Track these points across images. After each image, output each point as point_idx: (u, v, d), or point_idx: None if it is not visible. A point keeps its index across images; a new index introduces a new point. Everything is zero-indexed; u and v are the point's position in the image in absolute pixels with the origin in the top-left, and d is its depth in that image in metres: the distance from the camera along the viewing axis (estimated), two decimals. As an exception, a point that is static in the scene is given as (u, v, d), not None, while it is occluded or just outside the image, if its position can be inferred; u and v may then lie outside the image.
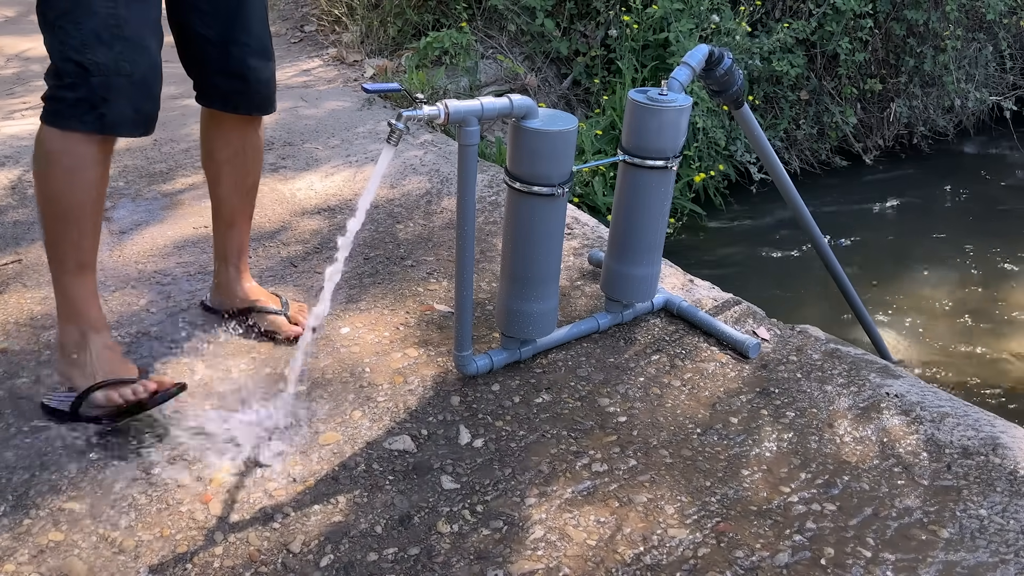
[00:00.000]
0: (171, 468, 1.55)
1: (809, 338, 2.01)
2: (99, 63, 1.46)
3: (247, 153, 1.84)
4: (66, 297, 1.65)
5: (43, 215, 1.61)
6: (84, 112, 1.48)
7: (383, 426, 1.68)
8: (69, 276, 1.63)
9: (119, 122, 1.51)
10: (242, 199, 1.89)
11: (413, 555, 1.39)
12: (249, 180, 1.88)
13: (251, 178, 1.89)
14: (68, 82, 1.47)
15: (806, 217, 2.44)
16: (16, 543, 1.39)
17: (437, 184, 2.85)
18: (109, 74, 1.47)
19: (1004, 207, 4.55)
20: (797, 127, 4.70)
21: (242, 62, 1.71)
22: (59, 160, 1.53)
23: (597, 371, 1.87)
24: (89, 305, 1.66)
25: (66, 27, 1.45)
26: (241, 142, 1.82)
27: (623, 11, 4.28)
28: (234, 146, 1.82)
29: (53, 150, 1.53)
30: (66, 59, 1.46)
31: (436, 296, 2.15)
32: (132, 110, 1.52)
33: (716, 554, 1.40)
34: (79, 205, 1.57)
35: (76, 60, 1.45)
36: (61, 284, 1.64)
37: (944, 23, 4.75)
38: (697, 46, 2.03)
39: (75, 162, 1.53)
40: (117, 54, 1.46)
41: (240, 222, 1.92)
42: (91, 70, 1.46)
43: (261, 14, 1.73)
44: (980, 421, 1.71)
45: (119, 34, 1.46)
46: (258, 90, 1.75)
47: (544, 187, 1.69)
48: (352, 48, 4.60)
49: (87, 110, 1.48)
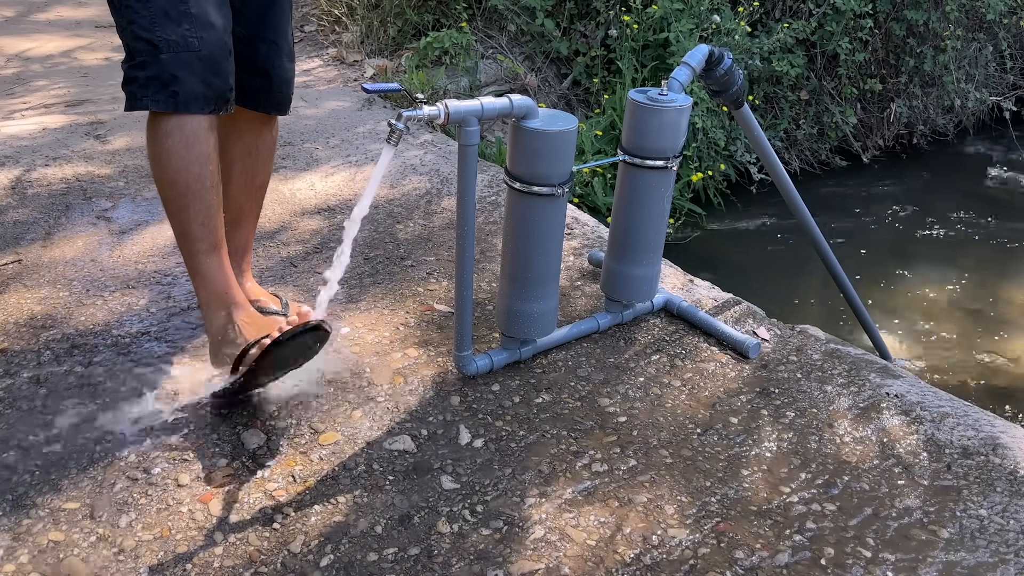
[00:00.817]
0: (171, 468, 1.55)
1: (809, 338, 2.01)
2: (169, 40, 1.48)
3: (260, 152, 1.86)
4: (207, 281, 1.65)
5: (166, 201, 1.60)
6: (156, 91, 1.50)
7: (383, 426, 1.68)
8: (206, 258, 1.63)
9: (190, 99, 1.52)
10: (250, 198, 1.90)
11: (413, 555, 1.39)
12: (259, 180, 1.90)
13: (261, 178, 1.90)
14: (139, 60, 1.49)
15: (806, 217, 2.44)
16: (16, 543, 1.39)
17: (437, 184, 2.85)
18: (179, 50, 1.48)
19: (1004, 207, 4.55)
20: (797, 127, 4.70)
21: (269, 60, 1.74)
22: (168, 138, 1.53)
23: (597, 371, 1.87)
24: (230, 284, 1.67)
25: (134, 6, 1.47)
26: (255, 140, 1.84)
27: (623, 11, 4.29)
28: (247, 144, 1.84)
29: (159, 131, 1.54)
30: (137, 38, 1.48)
31: (436, 296, 2.15)
32: (203, 85, 1.53)
33: (716, 554, 1.40)
34: (197, 178, 1.57)
35: (146, 38, 1.47)
36: (200, 270, 1.64)
37: (944, 23, 4.75)
38: (697, 46, 2.03)
39: (185, 136, 1.53)
40: (185, 31, 1.48)
41: (246, 221, 1.92)
42: (161, 47, 1.48)
43: (289, 16, 1.77)
44: (980, 421, 1.71)
45: (186, 11, 1.48)
46: (280, 89, 1.79)
47: (544, 187, 1.69)
48: (352, 48, 4.60)
49: (159, 88, 1.50)
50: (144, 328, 1.97)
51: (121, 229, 2.46)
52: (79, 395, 1.73)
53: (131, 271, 2.22)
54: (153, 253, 2.32)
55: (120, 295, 2.10)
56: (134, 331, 1.95)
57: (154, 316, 2.02)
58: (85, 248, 2.34)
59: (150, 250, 2.34)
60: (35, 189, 2.72)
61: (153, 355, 1.87)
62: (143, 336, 1.94)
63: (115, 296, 2.10)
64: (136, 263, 2.26)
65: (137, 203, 2.64)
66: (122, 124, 3.31)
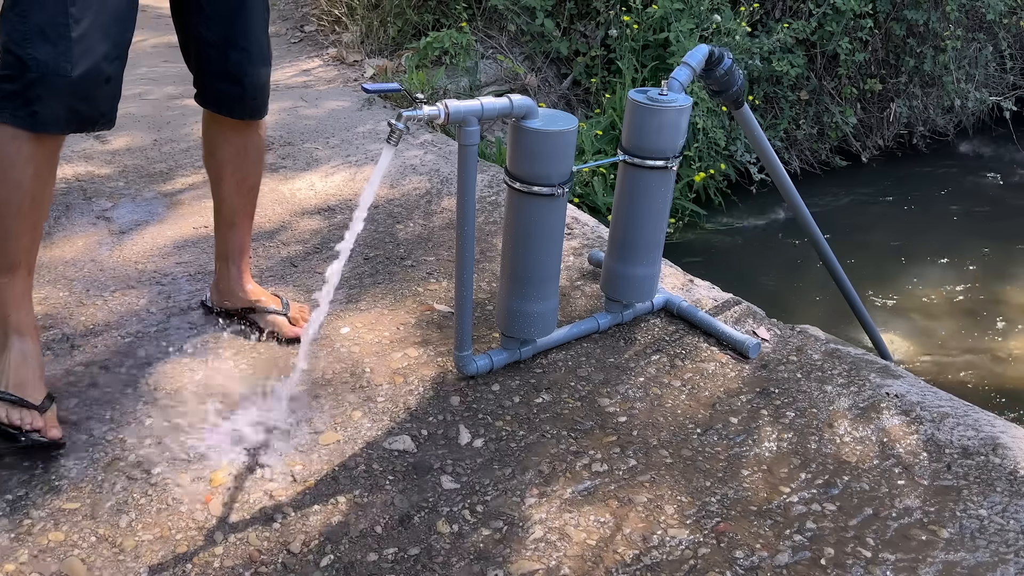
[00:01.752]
0: (171, 468, 1.55)
1: (809, 338, 2.01)
2: (39, 60, 1.39)
3: (249, 153, 1.84)
4: None
5: None
6: (17, 107, 1.42)
7: (383, 426, 1.68)
8: None
9: (50, 121, 1.44)
10: (243, 199, 1.89)
11: (413, 555, 1.39)
12: (250, 180, 1.88)
13: (252, 178, 1.89)
14: (5, 73, 1.41)
15: (806, 217, 2.44)
16: (16, 543, 1.39)
17: (437, 184, 2.85)
18: (47, 72, 1.40)
19: (1004, 207, 4.55)
20: (797, 127, 4.70)
21: (240, 67, 1.70)
22: None
23: (597, 371, 1.87)
24: (12, 308, 1.56)
25: (12, 18, 1.40)
26: (242, 142, 1.82)
27: (623, 11, 4.28)
28: (235, 146, 1.82)
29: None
30: (7, 50, 1.40)
31: (436, 296, 2.15)
32: (66, 110, 1.44)
33: (716, 554, 1.40)
34: (4, 202, 1.48)
35: (16, 53, 1.39)
36: None
37: (944, 23, 4.75)
38: (697, 46, 2.03)
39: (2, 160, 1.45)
40: (60, 53, 1.40)
41: (241, 222, 1.91)
42: (30, 65, 1.39)
43: (262, 19, 1.72)
44: (980, 421, 1.71)
45: (65, 33, 1.39)
46: (253, 95, 1.75)
47: (544, 187, 1.69)
48: (352, 48, 4.60)
49: (21, 105, 1.41)
50: (144, 328, 1.97)
51: (121, 229, 2.46)
52: (79, 395, 1.73)
53: (131, 271, 2.22)
54: (153, 253, 2.32)
55: (120, 295, 2.10)
56: (134, 331, 1.95)
57: (154, 316, 2.02)
58: (85, 248, 2.34)
59: (150, 250, 2.34)
60: (35, 189, 2.71)
61: (153, 355, 1.87)
62: (143, 336, 1.94)
63: (115, 296, 2.10)
64: (136, 263, 2.26)
65: (137, 203, 2.64)
66: (122, 124, 3.31)
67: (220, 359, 1.86)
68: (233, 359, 1.86)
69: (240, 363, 1.85)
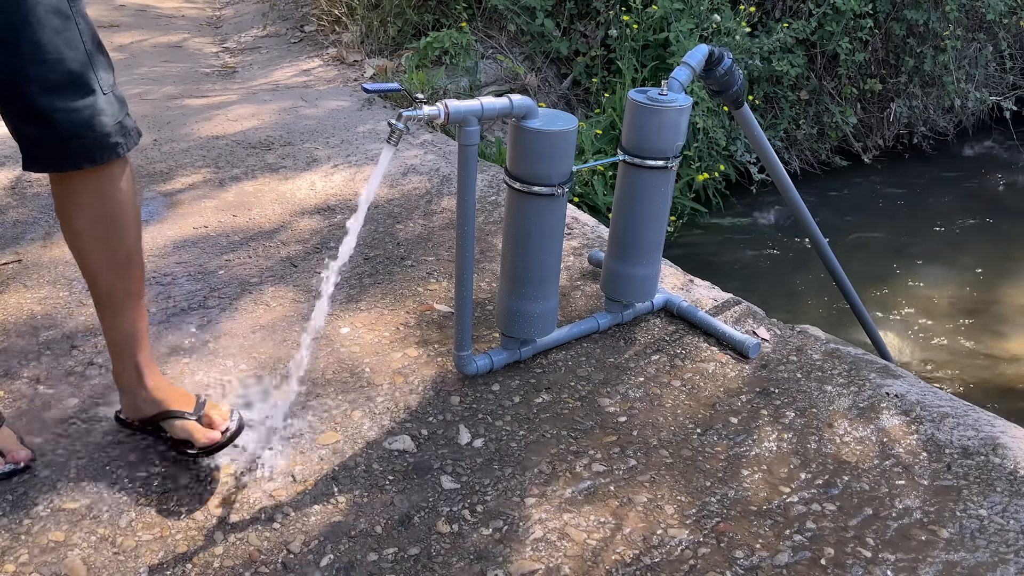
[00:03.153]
0: (171, 468, 1.55)
1: (809, 338, 2.01)
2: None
3: (109, 217, 1.40)
4: None
5: None
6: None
7: (383, 426, 1.68)
8: None
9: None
10: (120, 276, 1.45)
11: (413, 555, 1.39)
12: (122, 251, 1.43)
13: (124, 248, 1.44)
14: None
15: (806, 217, 2.44)
16: (16, 543, 1.39)
17: (437, 184, 2.85)
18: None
19: (1004, 207, 4.55)
20: (797, 127, 4.70)
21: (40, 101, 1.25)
22: None
23: (597, 371, 1.87)
24: None
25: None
26: (98, 203, 1.38)
27: (623, 11, 4.29)
28: (90, 211, 1.38)
29: None
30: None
31: (436, 296, 2.15)
32: None
33: (716, 554, 1.40)
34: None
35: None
36: None
37: (944, 23, 4.75)
38: (697, 46, 2.03)
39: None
40: None
41: (127, 307, 1.48)
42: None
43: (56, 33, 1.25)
44: (980, 421, 1.71)
45: None
46: (79, 134, 1.28)
47: (544, 187, 1.69)
48: (352, 48, 4.60)
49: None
50: (144, 328, 1.97)
51: (121, 229, 2.46)
52: (79, 395, 1.73)
53: (131, 271, 2.22)
54: (153, 253, 2.32)
55: (120, 295, 2.10)
56: (134, 331, 1.95)
57: (154, 316, 2.02)
58: (85, 248, 2.33)
59: (150, 250, 2.34)
60: (35, 189, 2.72)
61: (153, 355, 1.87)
62: (143, 336, 1.94)
63: (115, 296, 2.09)
64: (136, 263, 2.26)
65: (137, 203, 2.64)
66: (122, 124, 3.31)
67: (220, 359, 1.86)
68: (233, 359, 1.86)
69: (240, 363, 1.85)
